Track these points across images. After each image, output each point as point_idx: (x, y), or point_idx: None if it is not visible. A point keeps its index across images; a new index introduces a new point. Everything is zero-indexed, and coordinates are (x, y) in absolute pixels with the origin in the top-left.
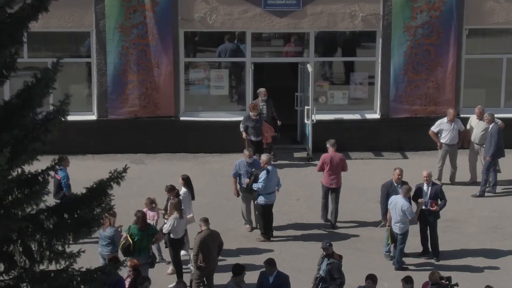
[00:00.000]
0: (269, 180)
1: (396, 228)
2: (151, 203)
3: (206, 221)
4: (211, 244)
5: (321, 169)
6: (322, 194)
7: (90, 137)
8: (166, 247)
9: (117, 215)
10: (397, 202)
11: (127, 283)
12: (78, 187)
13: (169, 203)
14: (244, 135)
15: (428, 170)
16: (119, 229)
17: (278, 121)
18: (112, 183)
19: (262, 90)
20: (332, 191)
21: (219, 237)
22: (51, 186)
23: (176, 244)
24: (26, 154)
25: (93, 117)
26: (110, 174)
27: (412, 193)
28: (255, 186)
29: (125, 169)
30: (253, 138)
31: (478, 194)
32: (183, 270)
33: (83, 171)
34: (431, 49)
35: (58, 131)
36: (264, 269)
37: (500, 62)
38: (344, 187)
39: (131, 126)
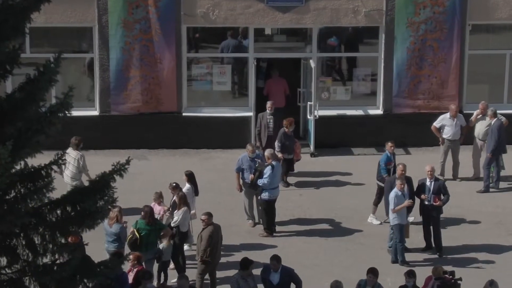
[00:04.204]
0: (274, 175)
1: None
2: (160, 197)
3: (210, 215)
4: (216, 239)
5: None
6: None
7: (92, 133)
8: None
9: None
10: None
11: (130, 276)
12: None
13: (179, 196)
14: (280, 155)
15: (431, 164)
16: (124, 225)
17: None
18: (115, 175)
19: (268, 102)
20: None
21: (220, 231)
22: (58, 182)
23: (183, 238)
24: (29, 147)
25: (95, 112)
26: (113, 167)
27: (415, 189)
28: (260, 181)
29: (128, 161)
30: (287, 156)
31: (483, 189)
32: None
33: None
34: (434, 44)
35: (61, 124)
36: (267, 263)
37: (504, 57)
38: (347, 183)
39: (134, 122)
